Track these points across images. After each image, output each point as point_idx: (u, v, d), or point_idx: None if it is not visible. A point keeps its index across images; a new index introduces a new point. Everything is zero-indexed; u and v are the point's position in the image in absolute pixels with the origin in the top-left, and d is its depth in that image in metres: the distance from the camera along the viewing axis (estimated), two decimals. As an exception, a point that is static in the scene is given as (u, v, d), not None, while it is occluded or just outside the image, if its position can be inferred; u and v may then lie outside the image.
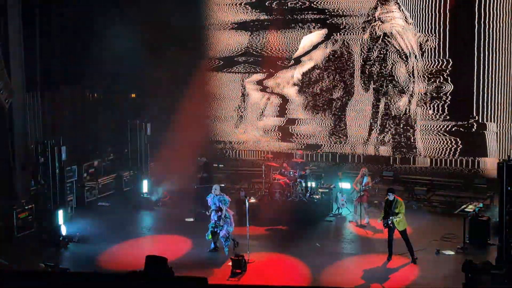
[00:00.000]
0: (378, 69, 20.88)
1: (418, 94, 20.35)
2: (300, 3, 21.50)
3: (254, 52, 22.38)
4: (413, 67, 20.39)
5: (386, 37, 20.60)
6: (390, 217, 14.08)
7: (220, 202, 14.82)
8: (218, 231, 14.81)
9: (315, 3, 21.30)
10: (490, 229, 15.31)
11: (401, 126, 20.71)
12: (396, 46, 20.51)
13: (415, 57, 20.27)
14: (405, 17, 20.24)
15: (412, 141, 20.57)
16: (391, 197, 14.26)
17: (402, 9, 20.22)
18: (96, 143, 20.70)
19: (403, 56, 20.44)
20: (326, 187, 18.52)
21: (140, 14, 20.20)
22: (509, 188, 12.94)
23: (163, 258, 10.23)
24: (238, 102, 22.90)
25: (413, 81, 20.39)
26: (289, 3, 21.64)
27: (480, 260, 12.73)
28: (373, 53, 20.87)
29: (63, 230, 15.82)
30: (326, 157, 21.94)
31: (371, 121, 21.16)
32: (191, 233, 16.52)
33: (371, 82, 21.02)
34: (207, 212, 15.13)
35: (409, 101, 20.49)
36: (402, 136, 20.70)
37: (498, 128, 19.43)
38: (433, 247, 15.06)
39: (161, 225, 17.71)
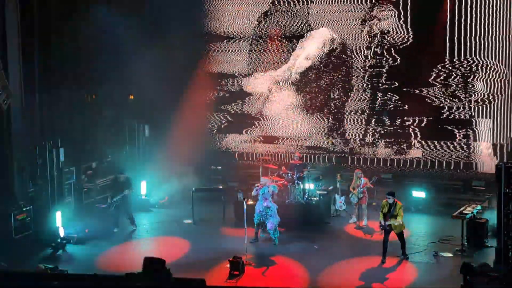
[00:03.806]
0: (375, 67, 20.94)
1: (415, 91, 20.45)
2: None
3: (253, 51, 22.44)
4: (410, 65, 20.45)
5: (383, 35, 20.67)
6: (388, 220, 14.16)
7: (268, 193, 15.52)
8: (264, 221, 15.46)
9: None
10: (488, 231, 15.35)
11: (399, 124, 20.78)
12: (393, 44, 20.57)
13: (413, 54, 20.32)
14: (402, 15, 20.32)
15: (409, 138, 20.69)
16: (390, 200, 14.31)
17: (398, 7, 20.32)
18: (95, 145, 20.67)
19: (401, 54, 20.49)
20: (325, 189, 18.51)
21: (140, 15, 20.22)
22: (507, 190, 12.95)
23: (161, 260, 10.22)
24: (237, 103, 22.90)
25: (410, 79, 20.46)
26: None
27: (478, 262, 12.75)
28: (371, 51, 20.93)
29: (61, 232, 15.80)
30: (324, 159, 21.96)
31: (369, 120, 21.19)
32: (189, 235, 16.54)
33: (369, 80, 21.05)
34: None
35: (407, 99, 20.52)
36: (400, 134, 20.79)
37: (492, 122, 19.69)
38: (431, 249, 15.08)
39: (160, 227, 17.70)
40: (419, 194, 19.12)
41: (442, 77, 20.08)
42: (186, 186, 19.51)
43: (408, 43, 20.35)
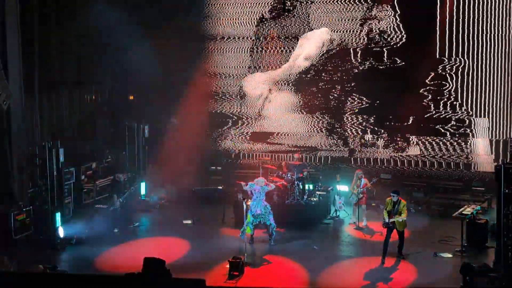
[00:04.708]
0: (375, 67, 20.95)
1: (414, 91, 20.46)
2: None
3: (253, 52, 22.45)
4: (408, 64, 20.46)
5: (382, 35, 20.69)
6: (393, 218, 14.20)
7: (264, 192, 15.47)
8: (262, 222, 15.43)
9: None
10: (488, 232, 15.35)
11: (398, 123, 20.82)
12: (392, 44, 20.58)
13: (412, 54, 20.34)
14: (402, 15, 20.34)
15: (408, 137, 20.73)
16: (395, 198, 14.34)
17: (398, 7, 20.36)
18: (94, 145, 20.68)
19: (399, 53, 20.51)
20: (324, 190, 18.51)
21: (140, 16, 20.23)
22: (506, 190, 12.95)
23: (161, 260, 10.23)
24: (236, 103, 22.90)
25: (410, 78, 20.48)
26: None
27: (478, 262, 12.76)
28: (370, 51, 20.95)
29: (61, 232, 15.80)
30: (323, 159, 21.95)
31: (368, 120, 21.19)
32: (189, 236, 16.53)
33: (368, 80, 21.05)
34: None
35: (405, 99, 20.54)
36: (399, 133, 20.83)
37: (490, 123, 19.82)
38: (431, 249, 15.08)
39: (159, 227, 17.70)
40: (419, 194, 19.13)
41: (440, 77, 20.11)
42: (185, 186, 19.50)
43: (407, 43, 20.38)
